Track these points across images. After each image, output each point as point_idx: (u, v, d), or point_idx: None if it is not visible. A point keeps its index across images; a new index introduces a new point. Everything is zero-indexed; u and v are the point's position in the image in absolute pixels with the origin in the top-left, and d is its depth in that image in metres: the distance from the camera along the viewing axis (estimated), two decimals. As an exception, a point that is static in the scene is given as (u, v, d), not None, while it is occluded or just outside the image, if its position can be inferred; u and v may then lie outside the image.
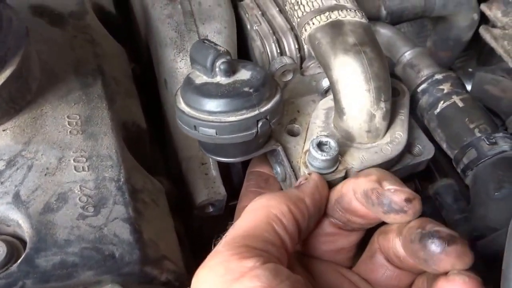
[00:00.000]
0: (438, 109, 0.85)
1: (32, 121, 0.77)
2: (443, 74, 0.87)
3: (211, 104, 0.71)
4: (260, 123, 0.72)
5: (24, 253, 0.65)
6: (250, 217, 0.60)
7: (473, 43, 1.15)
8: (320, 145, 0.73)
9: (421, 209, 0.59)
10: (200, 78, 0.74)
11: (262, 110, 0.71)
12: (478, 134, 0.80)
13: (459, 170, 0.82)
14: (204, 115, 0.71)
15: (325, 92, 0.88)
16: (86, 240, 0.66)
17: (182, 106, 0.74)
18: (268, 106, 0.72)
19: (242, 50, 0.99)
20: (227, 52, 0.73)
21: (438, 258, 0.53)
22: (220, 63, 0.71)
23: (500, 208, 0.72)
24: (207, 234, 0.93)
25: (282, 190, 0.82)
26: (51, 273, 0.63)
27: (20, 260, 0.64)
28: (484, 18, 1.05)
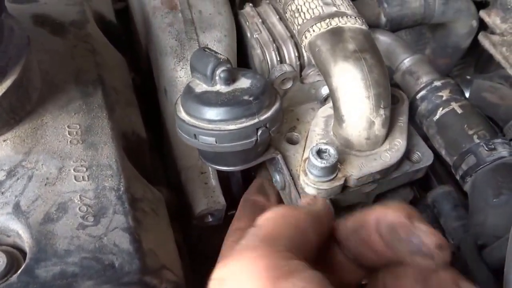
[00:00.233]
0: (437, 116, 0.85)
1: (33, 131, 0.77)
2: (442, 81, 0.88)
3: (211, 113, 0.71)
4: (260, 131, 0.72)
5: (24, 264, 0.64)
6: (274, 222, 0.53)
7: (471, 51, 1.16)
8: (320, 153, 0.73)
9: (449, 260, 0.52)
10: (200, 87, 0.74)
11: (262, 118, 0.72)
12: (477, 141, 0.80)
13: (458, 177, 0.82)
14: (204, 124, 0.72)
15: (324, 100, 0.88)
16: (86, 250, 0.66)
17: (182, 115, 0.74)
18: (268, 114, 0.72)
19: (242, 58, 0.99)
20: (227, 61, 0.73)
21: None
22: (220, 72, 0.72)
23: (499, 215, 0.72)
24: (206, 244, 0.92)
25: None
26: (51, 284, 0.63)
27: (20, 271, 0.64)
28: (483, 25, 1.05)
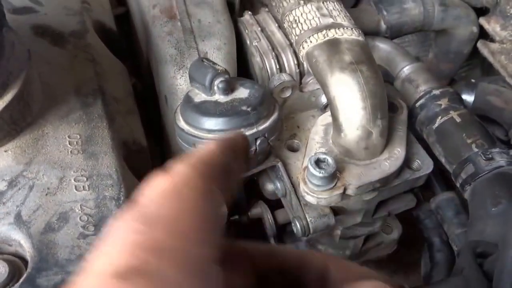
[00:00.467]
0: (436, 124, 0.86)
1: (33, 142, 0.78)
2: (441, 90, 0.88)
3: (210, 123, 0.71)
4: (259, 141, 0.73)
5: (26, 273, 0.65)
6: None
7: (477, 53, 1.15)
8: (318, 163, 0.73)
9: None
10: (199, 96, 0.75)
11: (260, 129, 0.72)
12: (476, 149, 0.80)
13: (458, 185, 0.83)
14: (203, 133, 0.72)
15: (325, 108, 0.88)
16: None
17: (182, 124, 0.75)
18: (266, 124, 0.73)
19: (242, 65, 0.99)
20: (225, 71, 0.74)
21: None
22: (218, 82, 0.72)
23: (497, 224, 0.72)
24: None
25: None
26: (52, 293, 0.64)
27: (22, 280, 0.64)
28: (484, 31, 1.05)
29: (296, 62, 0.93)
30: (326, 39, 0.78)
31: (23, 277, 0.65)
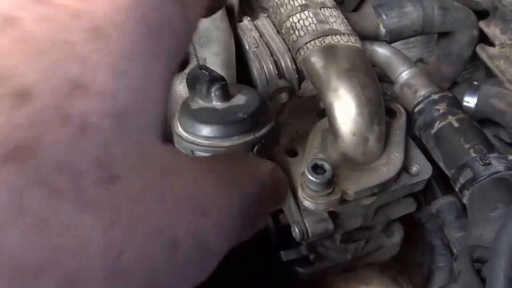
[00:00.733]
0: (435, 129, 0.85)
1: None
2: (439, 95, 0.88)
3: (207, 130, 0.72)
4: (256, 148, 0.73)
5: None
6: None
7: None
8: (315, 168, 0.73)
9: None
10: (197, 103, 0.75)
11: (257, 135, 0.72)
12: (473, 154, 0.80)
13: (457, 189, 0.82)
14: (200, 140, 0.72)
15: (323, 112, 0.88)
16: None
17: (179, 131, 0.75)
18: (264, 131, 0.73)
19: (242, 71, 1.00)
20: (222, 78, 0.74)
21: None
22: (215, 89, 0.73)
23: (495, 229, 0.72)
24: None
25: None
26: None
27: None
28: (485, 35, 1.04)
29: (295, 68, 0.93)
30: (323, 46, 0.78)
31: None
